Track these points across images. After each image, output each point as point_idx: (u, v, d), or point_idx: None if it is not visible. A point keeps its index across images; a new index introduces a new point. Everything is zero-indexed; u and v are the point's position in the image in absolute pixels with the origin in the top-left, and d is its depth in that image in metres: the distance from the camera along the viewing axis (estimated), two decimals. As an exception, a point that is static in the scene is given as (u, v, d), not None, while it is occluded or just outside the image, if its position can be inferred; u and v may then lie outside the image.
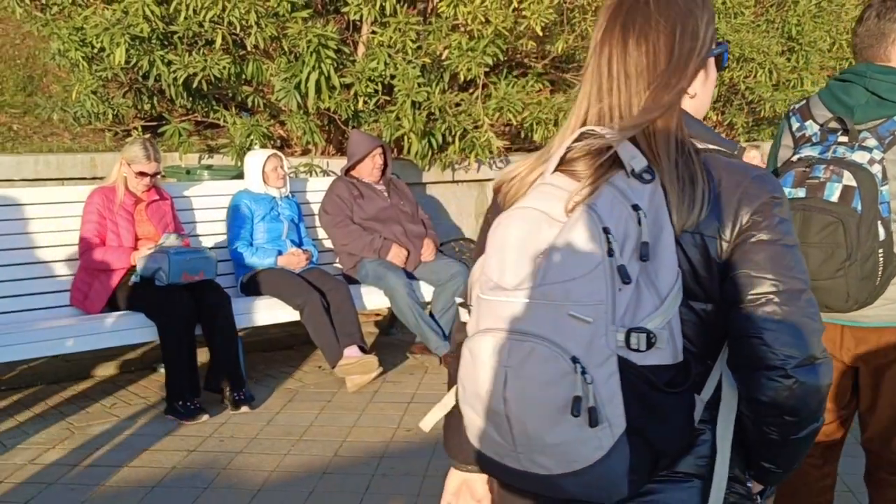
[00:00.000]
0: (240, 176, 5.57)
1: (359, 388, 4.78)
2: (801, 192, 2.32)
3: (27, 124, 6.85)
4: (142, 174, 4.64)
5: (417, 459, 3.83)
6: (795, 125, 2.51)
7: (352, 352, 4.82)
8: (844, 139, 2.35)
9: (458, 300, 1.49)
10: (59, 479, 3.59)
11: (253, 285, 5.00)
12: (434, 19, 6.38)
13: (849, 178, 2.28)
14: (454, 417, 1.51)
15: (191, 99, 6.57)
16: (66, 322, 4.39)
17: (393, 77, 6.11)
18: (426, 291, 5.39)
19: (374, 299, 5.25)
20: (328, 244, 5.58)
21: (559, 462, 1.25)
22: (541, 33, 6.30)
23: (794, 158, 2.42)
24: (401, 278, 5.19)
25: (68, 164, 6.16)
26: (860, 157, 2.31)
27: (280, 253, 5.10)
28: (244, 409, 4.43)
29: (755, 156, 6.41)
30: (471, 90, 6.66)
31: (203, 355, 4.53)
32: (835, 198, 2.28)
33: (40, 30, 6.43)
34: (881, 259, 2.29)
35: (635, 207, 1.25)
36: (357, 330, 4.92)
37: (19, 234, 4.60)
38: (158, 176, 4.80)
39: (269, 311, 4.90)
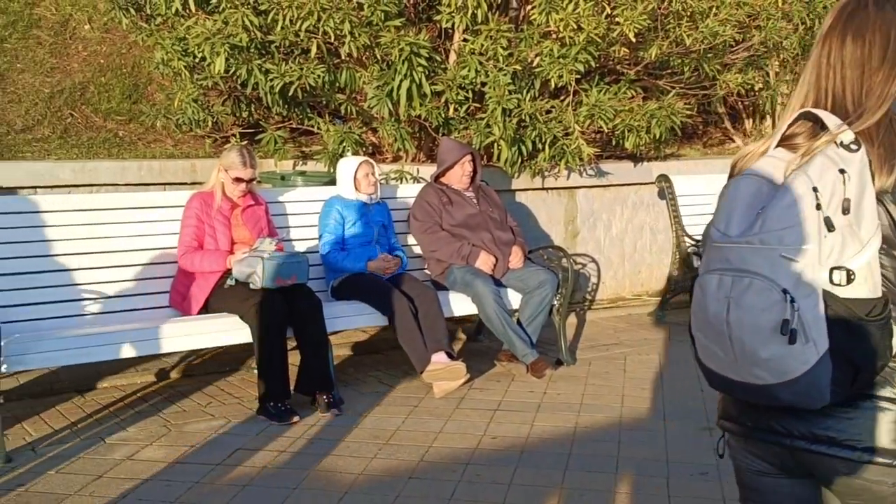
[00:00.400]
0: (332, 182, 5.67)
1: (446, 394, 4.80)
2: None
3: (132, 131, 7.12)
4: (238, 180, 4.77)
5: (503, 468, 3.83)
6: None
7: (440, 358, 4.85)
8: None
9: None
10: (155, 475, 3.71)
11: (343, 290, 5.08)
12: (526, 26, 6.37)
13: None
14: None
15: (286, 106, 6.72)
16: (165, 322, 4.54)
17: (484, 84, 6.13)
18: (514, 299, 5.38)
19: (461, 306, 5.27)
20: (417, 250, 5.63)
21: (773, 373, 1.55)
22: (634, 40, 6.23)
23: None
24: (488, 285, 5.20)
25: (170, 169, 6.38)
26: None
27: (370, 258, 5.17)
28: (333, 411, 4.51)
29: None
30: (562, 97, 6.62)
31: (294, 358, 4.62)
32: None
33: (145, 40, 6.68)
34: None
35: (841, 171, 1.54)
36: (445, 336, 4.95)
37: (123, 236, 4.78)
38: (254, 182, 4.92)
39: (358, 316, 4.97)
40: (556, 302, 5.45)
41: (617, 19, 6.14)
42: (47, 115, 6.90)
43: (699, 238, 6.62)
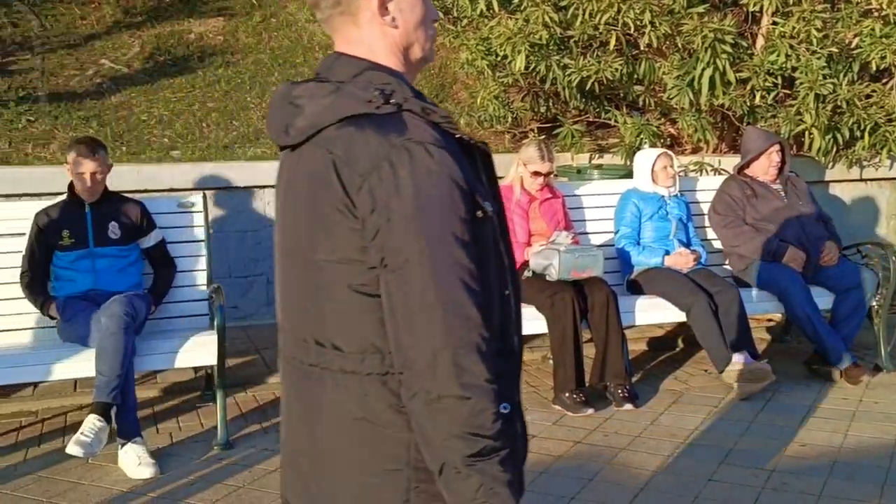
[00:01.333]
0: (629, 175, 5.61)
1: (748, 396, 4.59)
2: None
3: (437, 129, 7.52)
4: (536, 174, 4.87)
5: (813, 478, 3.59)
6: None
7: (741, 358, 4.64)
8: None
9: None
10: (457, 455, 3.89)
11: (639, 284, 5.01)
12: (843, 5, 5.90)
13: None
14: None
15: (584, 100, 6.75)
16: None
17: (794, 69, 5.76)
18: (825, 298, 5.01)
19: (766, 304, 5.00)
20: (717, 245, 5.42)
21: None
22: (974, 11, 5.55)
23: None
24: (797, 283, 4.88)
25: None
26: None
27: (667, 252, 5.05)
28: (628, 406, 4.47)
29: None
30: (884, 80, 6.06)
31: (590, 350, 4.64)
32: None
33: (452, 41, 7.03)
34: None
35: None
36: (747, 335, 4.72)
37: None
38: (552, 175, 5.00)
39: (654, 311, 4.88)
40: (875, 303, 5.01)
41: (953, -10, 5.51)
42: (364, 117, 7.48)
43: None
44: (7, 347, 4.11)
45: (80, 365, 3.90)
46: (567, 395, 4.46)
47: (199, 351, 4.13)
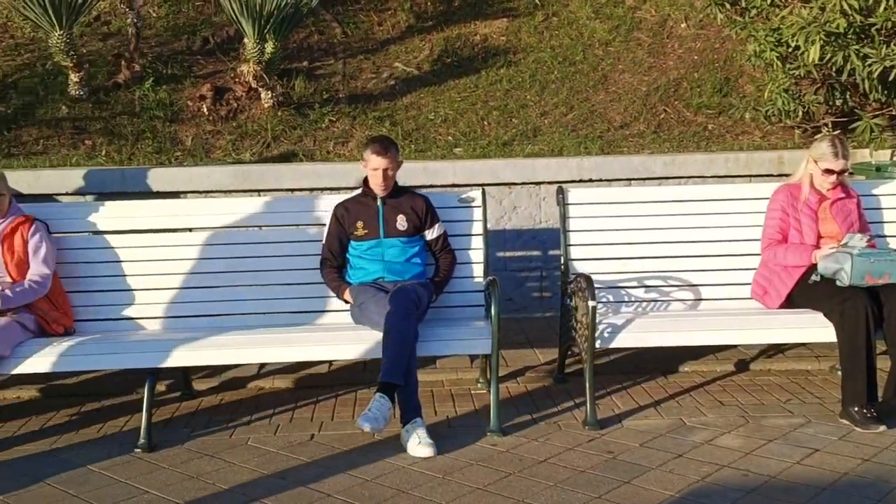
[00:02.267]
0: (938, 173, 5.10)
1: None
2: None
3: (721, 124, 7.25)
4: (828, 171, 4.57)
5: None
6: None
7: None
8: None
9: None
10: (731, 463, 3.77)
11: (947, 294, 4.55)
12: None
13: None
14: None
15: (885, 92, 6.22)
16: (746, 315, 4.56)
17: None
18: None
19: None
20: None
21: None
22: None
23: None
24: None
25: (756, 161, 6.36)
26: None
27: (983, 260, 4.53)
28: (927, 427, 4.08)
29: None
30: None
31: (884, 363, 4.29)
32: None
33: (738, 33, 6.76)
34: None
35: None
36: None
37: (708, 227, 4.91)
38: (846, 173, 4.67)
39: (964, 324, 4.40)
40: None
41: None
42: (643, 112, 7.39)
43: None
44: (306, 329, 4.53)
45: (369, 347, 4.21)
46: (856, 409, 4.15)
47: (476, 340, 4.31)
